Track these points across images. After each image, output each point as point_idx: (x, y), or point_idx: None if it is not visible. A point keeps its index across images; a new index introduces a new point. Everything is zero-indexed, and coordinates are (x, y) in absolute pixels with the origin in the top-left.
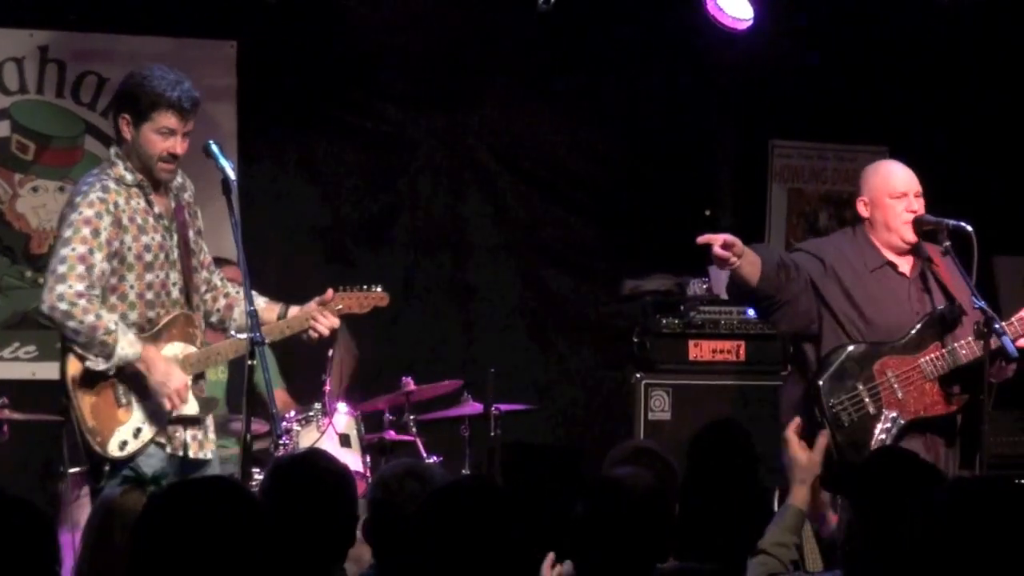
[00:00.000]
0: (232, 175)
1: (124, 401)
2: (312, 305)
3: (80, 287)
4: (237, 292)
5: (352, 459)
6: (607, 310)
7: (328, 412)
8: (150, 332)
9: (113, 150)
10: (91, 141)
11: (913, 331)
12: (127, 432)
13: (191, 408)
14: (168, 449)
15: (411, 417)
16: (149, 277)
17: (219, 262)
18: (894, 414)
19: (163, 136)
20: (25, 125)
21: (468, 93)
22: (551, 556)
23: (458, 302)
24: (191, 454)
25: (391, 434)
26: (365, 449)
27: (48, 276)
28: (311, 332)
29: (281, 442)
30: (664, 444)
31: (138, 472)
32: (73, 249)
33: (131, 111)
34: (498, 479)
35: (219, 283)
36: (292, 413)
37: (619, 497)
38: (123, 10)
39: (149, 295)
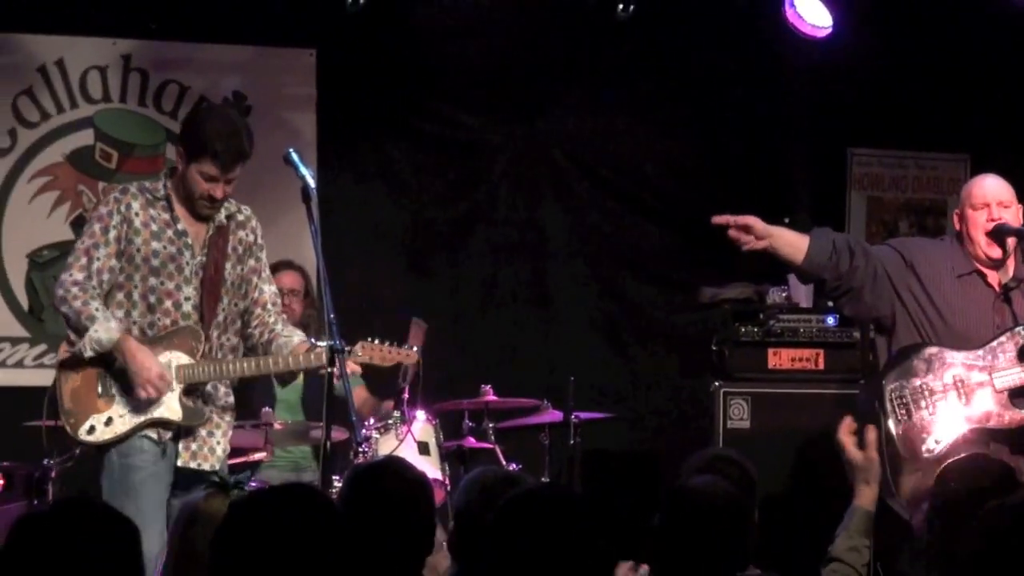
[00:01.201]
0: (312, 183)
1: (108, 392)
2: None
3: (79, 276)
4: (283, 329)
5: (430, 467)
6: (686, 318)
7: (407, 420)
8: (152, 336)
9: (165, 170)
10: (172, 149)
11: (992, 343)
12: (99, 420)
13: (171, 413)
14: (159, 446)
15: (490, 425)
16: (153, 281)
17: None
18: (954, 418)
19: (204, 179)
20: (108, 133)
21: (546, 101)
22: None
23: (536, 310)
24: (179, 462)
25: (470, 441)
26: (444, 457)
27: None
28: (321, 372)
29: (360, 450)
30: (743, 452)
31: (221, 477)
32: (82, 243)
33: (185, 146)
34: (577, 487)
35: (269, 319)
36: (371, 421)
37: (698, 506)
38: (204, 19)
39: (152, 298)
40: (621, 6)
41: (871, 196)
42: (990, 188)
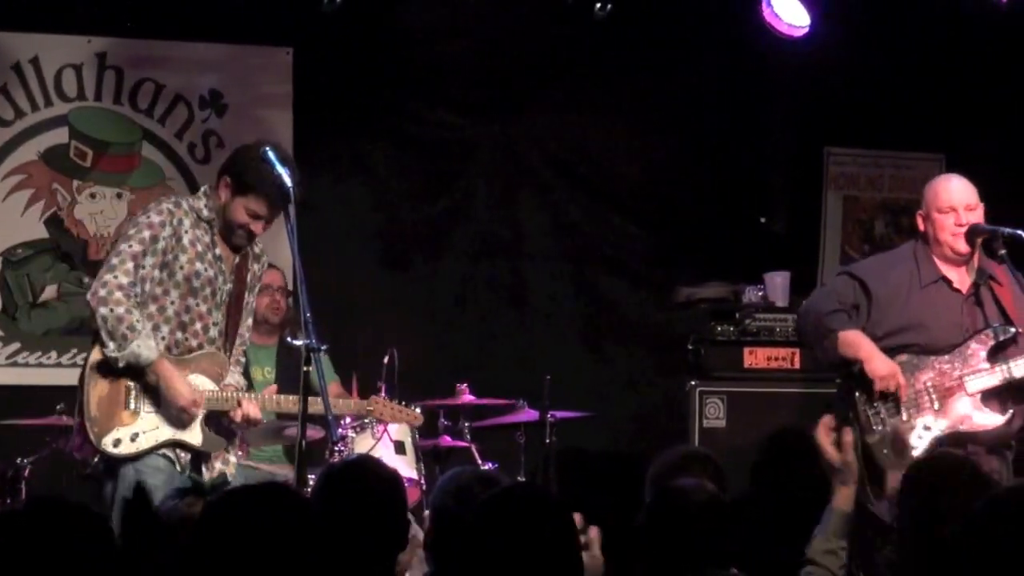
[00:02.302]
0: (289, 182)
1: (133, 407)
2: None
3: (124, 281)
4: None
5: (406, 466)
6: (662, 317)
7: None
8: (177, 355)
9: (204, 188)
10: (148, 148)
11: (961, 346)
12: (125, 433)
13: (193, 437)
14: (177, 467)
15: (466, 424)
16: (190, 301)
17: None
18: (927, 423)
19: (248, 214)
20: (83, 132)
21: (523, 100)
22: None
23: (513, 308)
24: (205, 479)
25: (446, 439)
26: (420, 456)
27: (102, 266)
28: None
29: (336, 449)
30: (718, 452)
31: (196, 481)
32: (130, 246)
33: (234, 179)
34: (553, 486)
35: (228, 354)
36: (347, 420)
37: (684, 507)
38: (180, 17)
39: (185, 317)
40: (599, 5)
41: (847, 195)
42: (956, 192)
